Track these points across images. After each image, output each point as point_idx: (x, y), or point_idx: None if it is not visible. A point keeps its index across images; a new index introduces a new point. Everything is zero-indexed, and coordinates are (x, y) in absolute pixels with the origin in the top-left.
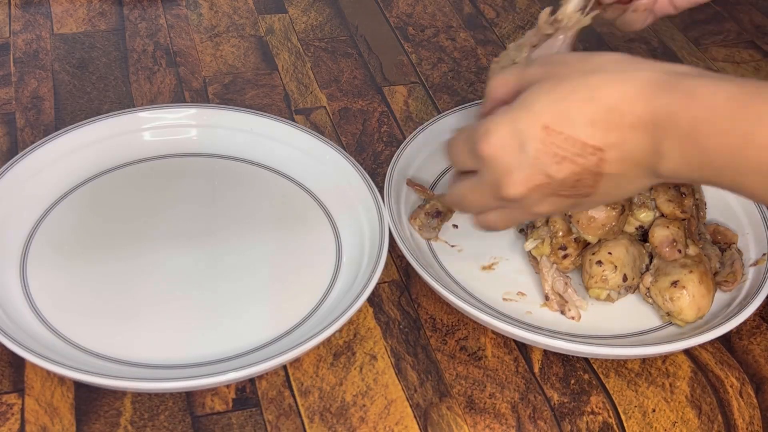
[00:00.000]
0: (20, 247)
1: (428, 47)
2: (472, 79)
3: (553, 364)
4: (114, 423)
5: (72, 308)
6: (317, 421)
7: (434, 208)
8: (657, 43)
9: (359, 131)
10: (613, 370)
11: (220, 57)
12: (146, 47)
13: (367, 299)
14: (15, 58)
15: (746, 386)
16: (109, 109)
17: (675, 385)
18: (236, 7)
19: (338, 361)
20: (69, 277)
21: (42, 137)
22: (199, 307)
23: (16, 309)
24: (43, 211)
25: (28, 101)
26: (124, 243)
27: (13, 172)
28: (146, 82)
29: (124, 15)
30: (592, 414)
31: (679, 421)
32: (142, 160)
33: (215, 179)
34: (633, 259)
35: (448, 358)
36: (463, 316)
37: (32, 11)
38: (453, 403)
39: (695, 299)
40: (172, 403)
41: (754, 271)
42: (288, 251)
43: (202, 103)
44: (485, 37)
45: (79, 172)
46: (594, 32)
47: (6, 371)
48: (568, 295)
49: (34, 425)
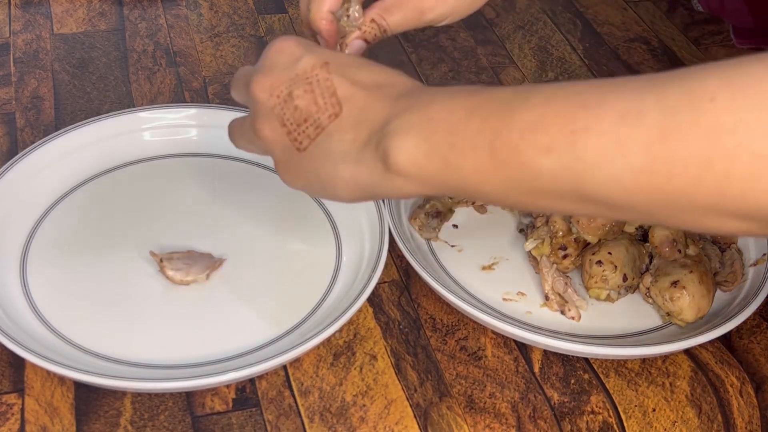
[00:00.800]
0: (20, 247)
1: (428, 47)
2: (472, 79)
3: (553, 364)
4: (114, 423)
5: (72, 308)
6: (317, 421)
7: (434, 208)
8: (657, 43)
9: None
10: (613, 369)
11: (220, 57)
12: (146, 47)
13: (367, 299)
14: (15, 58)
15: (746, 385)
16: (109, 109)
17: (675, 385)
18: (236, 7)
19: (338, 361)
20: (69, 277)
21: (42, 137)
22: (199, 307)
23: (16, 309)
24: (43, 211)
25: (28, 101)
26: (124, 243)
27: (13, 172)
28: (146, 82)
29: (124, 15)
30: (592, 414)
31: (679, 421)
32: (142, 160)
33: (215, 179)
34: (633, 259)
35: (448, 358)
36: (463, 316)
37: (32, 11)
38: (453, 403)
39: (695, 299)
40: (172, 403)
41: (754, 271)
42: (288, 251)
43: (202, 103)
44: (485, 37)
45: (79, 172)
46: (594, 32)
47: (6, 371)
48: (568, 295)
49: (34, 425)
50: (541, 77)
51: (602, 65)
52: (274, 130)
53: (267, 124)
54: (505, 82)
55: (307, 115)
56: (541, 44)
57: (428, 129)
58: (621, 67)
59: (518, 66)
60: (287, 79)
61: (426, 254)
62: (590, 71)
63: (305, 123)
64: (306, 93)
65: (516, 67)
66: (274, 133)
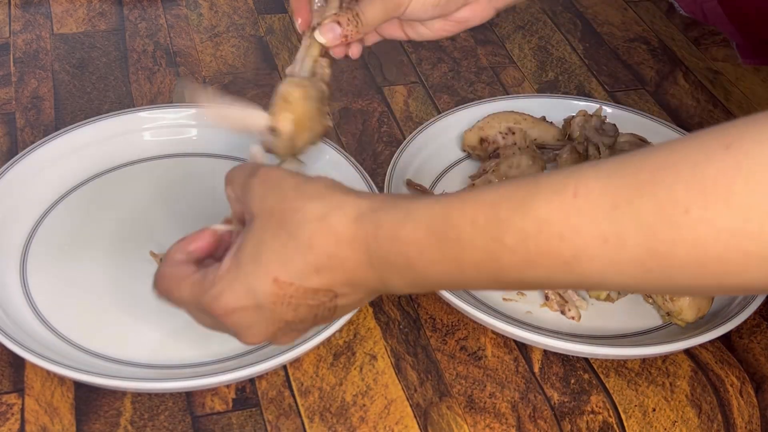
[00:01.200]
0: (20, 247)
1: (428, 47)
2: (472, 79)
3: (553, 364)
4: (114, 423)
5: (72, 308)
6: (317, 421)
7: None
8: (657, 43)
9: (359, 131)
10: (613, 369)
11: (220, 57)
12: (146, 47)
13: None
14: (15, 58)
15: (746, 385)
16: (109, 109)
17: (675, 385)
18: (236, 7)
19: (338, 361)
20: (69, 277)
21: (42, 137)
22: None
23: (16, 309)
24: (43, 211)
25: (28, 101)
26: (124, 243)
27: (13, 172)
28: (146, 82)
29: (124, 15)
30: (593, 413)
31: (679, 420)
32: (142, 160)
33: (215, 179)
34: None
35: (448, 358)
36: (463, 316)
37: (32, 11)
38: (453, 403)
39: (695, 299)
40: (172, 403)
41: None
42: None
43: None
44: (485, 37)
45: (79, 172)
46: (594, 32)
47: (6, 371)
48: (568, 295)
49: (34, 425)
50: (541, 77)
51: (602, 65)
52: (291, 337)
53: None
54: (505, 83)
55: (314, 313)
56: (541, 44)
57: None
58: (621, 67)
59: (518, 66)
60: (267, 319)
61: None
62: (590, 71)
63: (317, 317)
64: (295, 309)
65: (516, 67)
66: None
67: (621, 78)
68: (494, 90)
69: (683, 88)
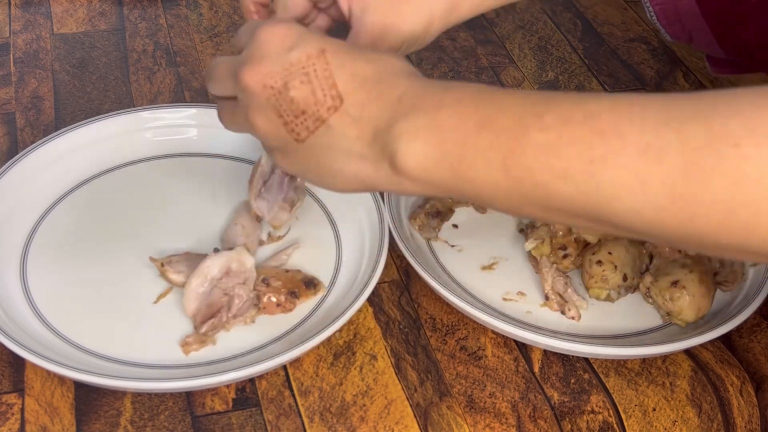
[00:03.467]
0: (20, 247)
1: (428, 47)
2: (472, 79)
3: (553, 364)
4: (114, 423)
5: (72, 308)
6: (317, 421)
7: (434, 208)
8: (657, 43)
9: None
10: (613, 369)
11: None
12: (146, 47)
13: (367, 299)
14: (15, 58)
15: (746, 385)
16: (109, 109)
17: (675, 384)
18: (236, 7)
19: (338, 361)
20: (69, 277)
21: (42, 137)
22: None
23: (16, 309)
24: (43, 211)
25: (28, 101)
26: (124, 243)
27: (12, 172)
28: (146, 82)
29: (124, 15)
30: (593, 413)
31: (680, 420)
32: (142, 160)
33: (215, 179)
34: (633, 259)
35: (448, 358)
36: (463, 316)
37: (32, 11)
38: (453, 403)
39: (695, 299)
40: (172, 403)
41: (754, 271)
42: (287, 251)
43: (202, 103)
44: (485, 37)
45: (79, 172)
46: (594, 32)
47: (6, 371)
48: (568, 295)
49: (34, 425)
50: (541, 77)
51: (602, 65)
52: (270, 121)
53: (262, 115)
54: (505, 83)
55: (305, 107)
56: (541, 44)
57: (438, 136)
58: (621, 67)
59: (518, 66)
60: (281, 69)
61: (426, 254)
62: (590, 71)
63: (303, 115)
64: (303, 84)
65: (516, 67)
66: (269, 124)
67: (621, 78)
68: None
69: (683, 88)
